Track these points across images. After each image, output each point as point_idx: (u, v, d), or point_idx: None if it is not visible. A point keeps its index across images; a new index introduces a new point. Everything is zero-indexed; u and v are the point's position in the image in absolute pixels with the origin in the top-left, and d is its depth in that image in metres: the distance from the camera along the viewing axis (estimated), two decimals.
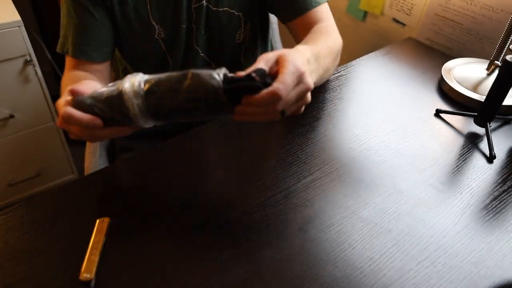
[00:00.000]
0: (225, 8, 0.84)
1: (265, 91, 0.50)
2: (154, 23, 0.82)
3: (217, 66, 0.91)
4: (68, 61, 0.84)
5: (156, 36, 0.84)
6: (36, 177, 1.63)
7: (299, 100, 0.55)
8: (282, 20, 0.88)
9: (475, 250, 0.55)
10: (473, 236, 0.57)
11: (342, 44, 0.81)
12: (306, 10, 0.82)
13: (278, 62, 0.53)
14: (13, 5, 1.39)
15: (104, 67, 0.84)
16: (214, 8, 0.83)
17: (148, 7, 0.80)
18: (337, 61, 0.80)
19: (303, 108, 0.57)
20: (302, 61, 0.55)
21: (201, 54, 0.89)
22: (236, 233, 0.57)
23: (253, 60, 0.96)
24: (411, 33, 1.19)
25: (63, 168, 1.68)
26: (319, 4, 0.83)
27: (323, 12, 0.84)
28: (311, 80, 0.54)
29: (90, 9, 0.77)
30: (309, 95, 0.56)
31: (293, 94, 0.52)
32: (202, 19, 0.84)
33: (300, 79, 0.52)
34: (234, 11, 0.85)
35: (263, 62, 0.53)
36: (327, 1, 0.85)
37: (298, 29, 0.85)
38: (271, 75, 0.53)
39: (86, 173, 0.95)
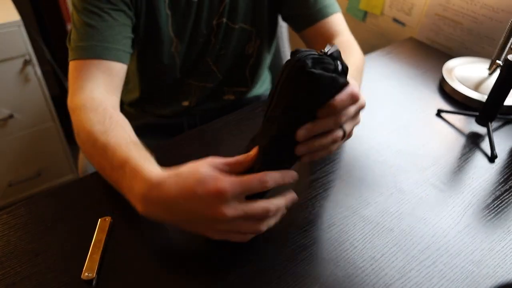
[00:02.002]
0: (240, 24, 0.85)
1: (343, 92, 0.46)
2: (172, 35, 0.82)
3: (223, 77, 0.92)
4: (86, 68, 0.67)
5: (172, 49, 0.84)
6: (36, 177, 1.63)
7: (356, 117, 0.53)
8: (295, 28, 0.88)
9: (476, 250, 0.55)
10: (474, 235, 0.57)
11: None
12: (320, 18, 0.82)
13: None
14: (13, 5, 1.39)
15: (124, 73, 0.73)
16: (231, 25, 0.85)
17: (170, 21, 0.80)
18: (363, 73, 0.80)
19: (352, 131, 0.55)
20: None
21: (213, 67, 0.90)
22: None
23: (258, 72, 0.97)
24: (411, 33, 1.19)
25: (63, 168, 1.68)
26: (332, 13, 0.83)
27: (338, 22, 0.84)
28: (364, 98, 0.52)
29: (114, 1, 0.71)
30: (361, 114, 0.54)
31: (352, 108, 0.50)
32: (220, 35, 0.85)
33: (355, 95, 0.49)
34: (247, 27, 0.87)
35: None
36: (340, 11, 0.85)
37: (311, 38, 0.85)
38: None
39: (80, 170, 0.95)
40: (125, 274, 0.51)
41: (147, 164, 0.51)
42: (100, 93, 0.65)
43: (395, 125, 0.78)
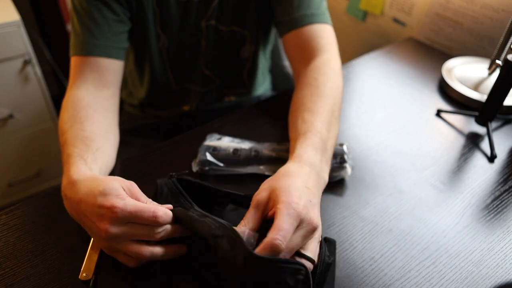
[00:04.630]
0: (232, 27, 0.85)
1: (261, 244, 0.42)
2: (160, 32, 0.82)
3: (221, 81, 0.92)
4: (78, 65, 0.71)
5: (159, 45, 0.84)
6: (36, 177, 1.63)
7: (308, 239, 0.46)
8: (279, 33, 0.82)
9: (476, 250, 0.55)
10: (474, 236, 0.57)
11: (341, 65, 0.76)
12: (300, 25, 0.76)
13: (270, 201, 0.47)
14: (13, 5, 1.39)
15: (120, 68, 0.75)
16: (222, 28, 0.84)
17: (157, 17, 0.80)
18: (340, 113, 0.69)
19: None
20: (298, 194, 0.46)
21: (205, 71, 0.90)
22: None
23: (256, 75, 0.96)
24: (411, 33, 1.19)
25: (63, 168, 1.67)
26: (316, 22, 0.76)
27: (322, 34, 0.76)
28: (315, 215, 0.46)
29: (108, 1, 0.72)
30: (319, 230, 0.48)
31: (297, 237, 0.44)
32: (210, 38, 0.84)
33: (301, 219, 0.44)
34: (240, 29, 0.86)
35: (255, 208, 0.47)
36: (330, 24, 0.79)
37: (289, 44, 0.78)
38: (268, 218, 0.46)
39: None
40: (122, 275, 0.51)
41: (78, 163, 0.55)
42: (86, 89, 0.69)
43: (395, 125, 0.78)
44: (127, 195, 0.48)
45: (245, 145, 0.66)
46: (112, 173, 0.65)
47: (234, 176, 0.65)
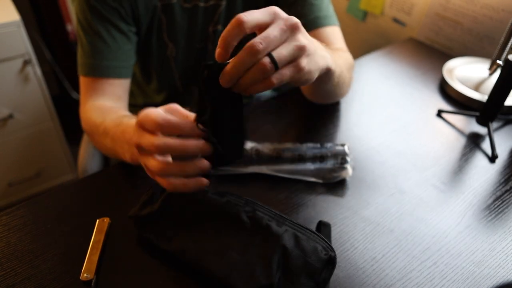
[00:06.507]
0: None
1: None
2: (167, 40, 0.83)
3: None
4: (90, 84, 0.75)
5: (167, 53, 0.85)
6: (36, 177, 1.63)
7: (287, 39, 0.47)
8: None
9: (477, 250, 0.55)
10: (475, 236, 0.57)
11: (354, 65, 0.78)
12: (312, 28, 0.78)
13: None
14: (13, 5, 1.39)
15: (128, 84, 0.79)
16: None
17: (164, 25, 0.80)
18: (352, 76, 0.76)
19: (300, 63, 0.47)
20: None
21: None
22: None
23: None
24: (412, 33, 1.19)
25: (63, 168, 1.68)
26: (327, 25, 0.79)
27: (333, 34, 0.80)
28: (286, 15, 0.47)
29: (115, 22, 0.74)
30: (301, 39, 0.47)
31: (271, 31, 0.46)
32: (217, 42, 0.84)
33: (275, 15, 0.47)
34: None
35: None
36: (339, 25, 0.82)
37: None
38: None
39: (79, 170, 0.95)
40: (123, 275, 0.51)
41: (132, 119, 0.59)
42: (104, 100, 0.74)
43: (395, 126, 0.78)
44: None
45: (246, 145, 0.66)
46: (112, 173, 0.65)
47: (236, 176, 0.65)
